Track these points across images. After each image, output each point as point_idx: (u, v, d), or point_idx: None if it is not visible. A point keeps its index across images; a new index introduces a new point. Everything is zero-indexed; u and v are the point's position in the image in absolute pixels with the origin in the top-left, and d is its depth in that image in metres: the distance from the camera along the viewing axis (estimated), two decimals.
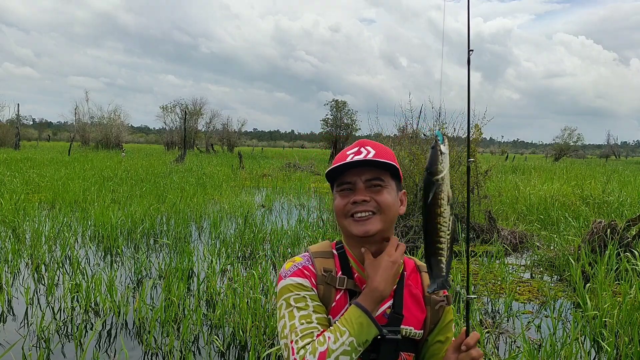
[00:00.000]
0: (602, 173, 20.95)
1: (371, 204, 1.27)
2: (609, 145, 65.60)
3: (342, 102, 37.44)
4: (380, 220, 1.28)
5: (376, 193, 1.28)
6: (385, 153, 1.32)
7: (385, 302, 1.31)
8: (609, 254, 5.67)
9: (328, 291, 1.29)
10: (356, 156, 1.29)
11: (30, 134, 74.40)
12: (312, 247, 1.39)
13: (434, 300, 1.36)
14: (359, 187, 1.28)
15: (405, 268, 1.39)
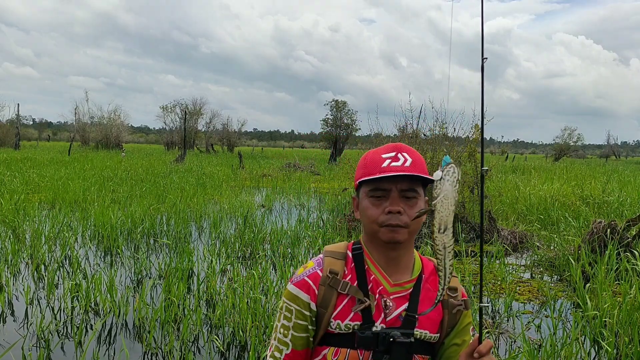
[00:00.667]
0: (602, 173, 20.96)
1: (404, 217, 1.26)
2: (609, 145, 65.59)
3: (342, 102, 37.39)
4: (408, 232, 1.28)
5: (409, 205, 1.27)
6: (420, 162, 1.31)
7: (401, 305, 1.30)
8: (609, 254, 5.67)
9: (329, 293, 1.29)
10: (393, 162, 1.27)
11: (30, 134, 74.38)
12: (327, 247, 1.40)
13: (451, 304, 1.35)
14: (393, 196, 1.26)
15: (424, 270, 1.38)
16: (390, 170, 1.25)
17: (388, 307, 1.29)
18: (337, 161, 30.73)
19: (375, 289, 1.30)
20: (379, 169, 1.27)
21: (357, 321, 1.27)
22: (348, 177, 12.82)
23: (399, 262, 1.33)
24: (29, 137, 71.27)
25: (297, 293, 1.31)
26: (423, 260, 1.40)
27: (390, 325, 1.28)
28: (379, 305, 1.29)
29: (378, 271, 1.32)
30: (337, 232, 8.22)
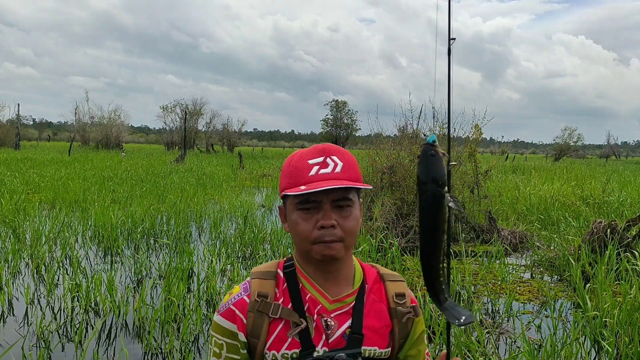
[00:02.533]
0: (602, 173, 20.96)
1: (338, 231, 1.11)
2: (609, 145, 65.60)
3: (342, 102, 37.51)
4: (344, 247, 1.13)
5: (343, 216, 1.12)
6: (352, 164, 1.16)
7: (344, 322, 1.16)
8: (609, 254, 5.67)
9: (259, 320, 1.15)
10: (322, 169, 1.12)
11: (30, 134, 74.44)
12: (256, 268, 1.26)
13: (400, 312, 1.22)
14: (325, 209, 1.11)
15: (366, 279, 1.23)
16: (318, 180, 1.10)
17: (329, 327, 1.15)
18: None
19: (312, 309, 1.16)
20: (305, 178, 1.12)
21: (296, 348, 1.13)
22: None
23: (337, 276, 1.19)
24: (29, 137, 71.32)
25: (224, 324, 1.17)
26: (365, 268, 1.27)
27: (334, 347, 1.14)
28: (318, 326, 1.15)
29: (314, 288, 1.18)
30: None
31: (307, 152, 1.17)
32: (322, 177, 1.11)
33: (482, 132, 9.14)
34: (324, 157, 1.14)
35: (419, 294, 4.86)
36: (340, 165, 1.13)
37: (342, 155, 1.16)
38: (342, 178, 1.12)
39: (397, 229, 7.97)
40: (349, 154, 1.18)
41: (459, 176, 8.93)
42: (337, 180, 1.10)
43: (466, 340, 3.86)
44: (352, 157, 1.18)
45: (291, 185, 1.13)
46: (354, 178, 1.14)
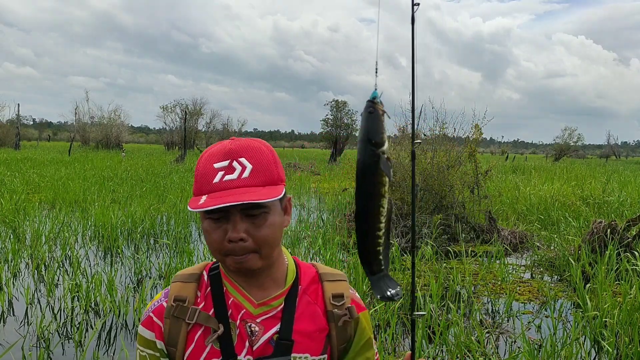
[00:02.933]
0: (602, 173, 20.96)
1: (250, 243, 0.99)
2: (609, 145, 65.57)
3: (342, 102, 37.42)
4: (261, 258, 1.02)
5: (256, 226, 1.00)
6: (264, 164, 1.02)
7: (271, 327, 1.06)
8: (609, 254, 5.67)
9: (176, 326, 1.05)
10: (227, 175, 0.99)
11: (30, 134, 74.41)
12: (181, 271, 1.16)
13: (337, 315, 1.10)
14: (234, 220, 0.98)
15: (300, 280, 1.13)
16: (223, 188, 0.98)
17: (254, 333, 1.05)
18: (337, 161, 30.74)
19: (236, 315, 1.06)
20: (209, 185, 0.99)
21: (215, 358, 1.03)
22: (348, 177, 12.82)
23: (263, 279, 1.08)
24: (29, 137, 71.31)
25: (144, 334, 1.09)
26: (302, 267, 1.16)
27: (259, 354, 1.04)
28: (242, 333, 1.05)
29: (238, 292, 1.07)
30: (337, 232, 8.22)
31: (214, 153, 1.03)
32: (227, 184, 0.98)
33: (482, 132, 9.15)
34: (229, 160, 1.00)
35: (419, 294, 4.86)
36: (249, 169, 1.00)
37: (252, 156, 1.01)
38: (251, 184, 0.98)
39: (397, 229, 7.97)
40: (262, 152, 1.03)
41: (459, 176, 8.93)
42: (244, 188, 0.98)
43: (466, 340, 3.86)
44: (266, 155, 1.03)
45: (197, 192, 1.01)
46: (266, 181, 1.00)
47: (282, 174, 1.06)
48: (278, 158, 1.07)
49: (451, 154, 8.99)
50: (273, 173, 1.03)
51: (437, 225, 7.85)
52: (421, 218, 8.17)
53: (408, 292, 5.37)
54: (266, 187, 1.00)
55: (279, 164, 1.06)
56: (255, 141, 1.05)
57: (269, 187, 1.01)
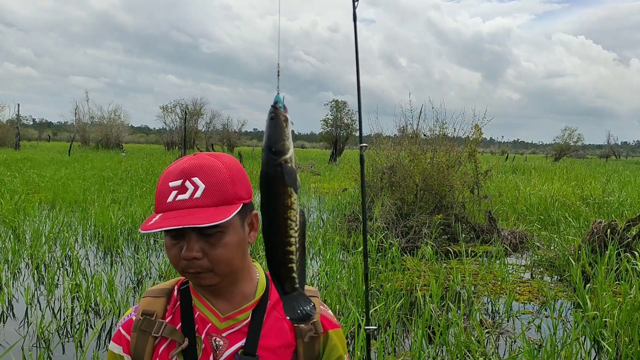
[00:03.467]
0: (602, 173, 20.96)
1: (204, 262, 0.99)
2: (609, 145, 65.55)
3: (342, 102, 37.42)
4: (217, 275, 1.01)
5: (211, 244, 0.99)
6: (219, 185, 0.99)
7: (236, 342, 1.05)
8: (609, 254, 5.67)
9: (143, 339, 1.06)
10: (180, 195, 0.98)
11: (30, 134, 74.43)
12: (153, 287, 1.17)
13: (303, 331, 1.08)
14: (188, 238, 0.98)
15: (270, 294, 1.12)
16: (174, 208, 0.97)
17: (218, 347, 1.05)
18: (337, 161, 30.74)
19: (201, 329, 1.06)
20: (163, 205, 0.99)
21: None
22: (348, 177, 12.82)
23: (229, 293, 1.08)
24: (29, 137, 71.32)
25: (113, 349, 1.10)
26: (272, 280, 1.13)
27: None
28: (207, 347, 1.05)
29: (204, 306, 1.08)
30: (337, 232, 8.22)
31: (171, 172, 1.04)
32: (179, 204, 0.97)
33: (482, 132, 9.15)
34: (182, 179, 1.00)
35: (419, 294, 4.86)
36: (202, 189, 0.98)
37: (205, 175, 0.99)
38: (203, 205, 0.97)
39: (397, 229, 7.97)
40: (217, 171, 1.00)
41: (459, 176, 8.93)
42: (195, 208, 0.96)
43: (466, 340, 3.86)
44: (221, 173, 1.01)
45: (155, 210, 1.02)
46: (219, 201, 0.98)
47: (240, 192, 1.02)
48: (240, 175, 1.04)
49: (451, 154, 8.99)
50: (228, 192, 1.00)
51: (437, 225, 7.85)
52: (421, 218, 8.17)
53: (408, 292, 5.37)
54: (219, 208, 0.98)
55: (237, 182, 1.02)
56: (213, 159, 1.03)
57: (223, 207, 0.98)
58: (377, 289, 5.41)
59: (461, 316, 4.31)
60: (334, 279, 5.24)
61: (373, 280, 5.68)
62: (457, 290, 5.37)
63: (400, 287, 5.47)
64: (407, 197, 8.70)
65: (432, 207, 8.68)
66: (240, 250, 1.04)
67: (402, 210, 8.52)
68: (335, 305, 4.58)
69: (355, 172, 10.59)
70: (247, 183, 1.06)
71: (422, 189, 8.58)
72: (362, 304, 4.72)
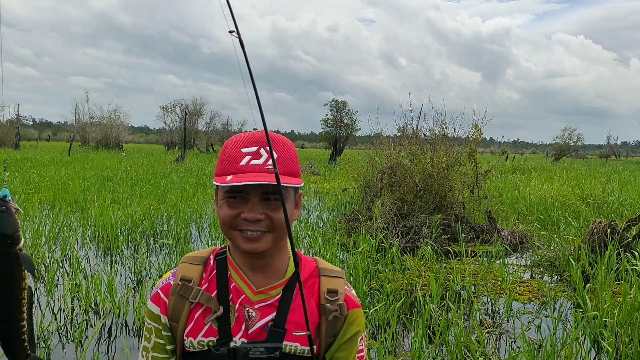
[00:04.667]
0: (602, 173, 20.95)
1: (265, 223, 1.06)
2: (609, 145, 65.52)
3: (342, 102, 37.43)
4: (273, 238, 1.09)
5: (273, 209, 1.06)
6: (288, 156, 1.10)
7: (267, 315, 1.12)
8: (609, 254, 5.67)
9: (180, 304, 1.13)
10: (254, 160, 1.06)
11: (30, 134, 74.39)
12: (189, 253, 1.24)
13: (328, 310, 1.15)
14: (253, 202, 1.06)
15: (302, 272, 1.17)
16: (248, 171, 1.05)
17: (250, 318, 1.11)
18: (337, 161, 30.74)
19: (236, 299, 1.13)
20: (235, 167, 1.06)
21: (213, 336, 1.11)
22: (348, 177, 12.82)
23: (265, 267, 1.14)
24: (29, 137, 71.28)
25: (152, 308, 1.16)
26: (304, 260, 1.22)
27: (252, 338, 1.11)
28: (240, 316, 1.11)
29: (240, 278, 1.14)
30: (337, 232, 8.22)
31: (243, 139, 1.10)
32: (253, 168, 1.05)
33: (482, 132, 9.15)
34: (258, 147, 1.07)
35: (419, 294, 4.86)
36: (275, 157, 1.05)
37: (279, 147, 1.09)
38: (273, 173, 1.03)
39: (397, 229, 7.97)
40: (287, 145, 1.11)
41: (459, 176, 8.93)
42: (268, 173, 1.04)
43: (466, 340, 3.86)
44: (290, 149, 1.11)
45: (221, 172, 1.09)
46: (288, 172, 1.08)
47: (299, 170, 1.13)
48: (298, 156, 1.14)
49: (451, 154, 8.99)
50: (295, 166, 1.11)
51: (437, 225, 7.85)
52: (421, 218, 8.17)
53: (408, 292, 5.37)
54: (287, 177, 1.07)
55: (298, 161, 1.13)
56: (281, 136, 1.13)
57: (290, 177, 1.08)
58: (377, 289, 5.41)
59: (461, 316, 4.31)
60: None
61: (373, 280, 5.68)
62: (457, 290, 5.36)
63: (400, 287, 5.47)
64: (407, 197, 8.70)
65: (432, 207, 8.68)
66: (293, 222, 1.13)
67: (402, 210, 8.52)
68: None
69: (355, 172, 10.59)
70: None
71: (422, 189, 8.58)
72: (362, 304, 4.73)
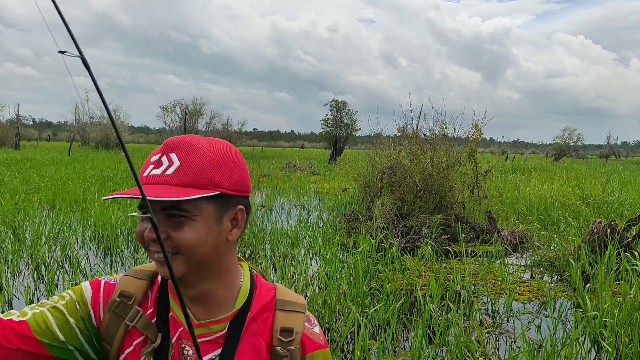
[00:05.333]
0: (602, 173, 20.95)
1: (169, 243, 0.88)
2: (609, 145, 65.52)
3: (342, 102, 37.41)
4: (184, 262, 0.89)
5: (175, 227, 0.88)
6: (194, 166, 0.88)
7: (210, 351, 0.94)
8: (609, 254, 5.67)
9: (115, 323, 0.95)
10: (154, 169, 0.90)
11: (30, 134, 74.44)
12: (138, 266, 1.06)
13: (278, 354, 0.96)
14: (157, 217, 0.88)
15: (252, 304, 0.98)
16: (145, 182, 0.91)
17: (187, 356, 0.93)
18: (337, 161, 30.75)
19: (173, 332, 0.95)
20: (141, 177, 0.93)
21: None
22: (348, 177, 12.82)
23: (205, 298, 0.96)
24: (29, 137, 71.32)
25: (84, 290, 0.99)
26: (260, 287, 1.02)
27: None
28: (175, 353, 0.94)
29: (179, 307, 0.95)
30: (337, 232, 8.22)
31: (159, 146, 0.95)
32: (151, 179, 0.90)
33: (482, 132, 9.15)
34: (162, 154, 0.91)
35: (419, 294, 4.86)
36: (175, 166, 0.88)
37: (184, 153, 0.89)
38: (171, 182, 0.87)
39: (397, 229, 7.97)
40: (199, 151, 0.89)
41: (458, 176, 8.94)
42: (161, 185, 0.88)
43: (466, 340, 3.86)
44: (203, 154, 0.89)
45: None
46: (191, 183, 0.87)
47: (221, 180, 0.89)
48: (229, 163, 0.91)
49: (451, 154, 8.99)
50: (204, 175, 0.88)
51: (437, 225, 7.85)
52: (421, 218, 8.17)
53: (408, 292, 5.37)
54: (187, 189, 0.86)
55: (221, 169, 0.90)
56: (202, 140, 0.92)
57: (191, 189, 0.87)
58: (377, 289, 5.41)
59: (461, 316, 4.31)
60: (334, 278, 5.24)
61: (373, 280, 5.68)
62: (457, 290, 5.37)
63: (400, 287, 5.47)
64: (407, 197, 8.70)
65: (432, 207, 8.68)
66: (213, 244, 0.91)
67: (402, 210, 8.52)
68: (335, 305, 4.58)
69: (355, 172, 10.59)
70: (238, 174, 0.93)
71: (422, 189, 8.58)
72: (362, 304, 4.73)
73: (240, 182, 0.94)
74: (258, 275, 1.04)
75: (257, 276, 1.04)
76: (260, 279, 1.04)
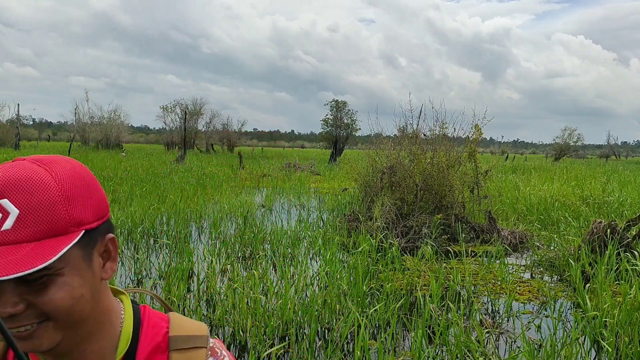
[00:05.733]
0: (602, 173, 20.95)
1: (30, 315, 0.66)
2: (609, 145, 65.53)
3: (342, 102, 37.43)
4: (56, 328, 0.68)
5: (38, 292, 0.66)
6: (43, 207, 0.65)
7: None
8: (609, 254, 5.67)
9: None
10: None
11: (30, 134, 74.43)
12: None
13: None
14: (3, 288, 0.64)
15: (139, 347, 0.78)
16: None
17: None
18: (337, 161, 30.75)
19: None
20: None
21: None
22: (348, 177, 12.83)
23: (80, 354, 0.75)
24: (29, 137, 71.31)
25: None
26: (145, 321, 0.81)
27: None
28: None
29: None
30: (337, 232, 8.22)
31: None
32: None
33: (482, 132, 9.15)
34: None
35: (419, 294, 4.86)
36: (14, 217, 0.64)
37: (21, 194, 0.65)
38: (14, 240, 0.64)
39: (397, 229, 7.98)
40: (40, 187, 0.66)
41: (458, 176, 8.94)
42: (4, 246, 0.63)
43: (466, 340, 3.86)
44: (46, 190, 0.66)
45: None
46: (45, 231, 0.65)
47: (80, 214, 0.69)
48: (80, 189, 0.70)
49: (451, 154, 8.99)
50: (58, 217, 0.66)
51: (437, 225, 7.85)
52: (421, 218, 8.18)
53: (408, 292, 5.37)
54: (43, 242, 0.65)
55: (75, 200, 0.69)
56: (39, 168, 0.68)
57: (49, 240, 0.66)
58: (377, 289, 5.41)
59: (461, 316, 4.31)
60: (334, 278, 5.24)
61: (373, 281, 5.68)
62: (457, 290, 5.37)
63: (400, 287, 5.48)
64: (407, 197, 8.70)
65: (432, 207, 8.68)
66: (90, 295, 0.71)
67: (402, 210, 8.52)
68: (335, 305, 4.59)
69: (355, 172, 10.59)
70: (95, 199, 0.73)
71: (422, 189, 8.58)
72: (362, 303, 4.73)
73: (100, 206, 0.75)
74: (145, 308, 0.83)
75: (144, 309, 0.83)
76: (147, 312, 0.82)
